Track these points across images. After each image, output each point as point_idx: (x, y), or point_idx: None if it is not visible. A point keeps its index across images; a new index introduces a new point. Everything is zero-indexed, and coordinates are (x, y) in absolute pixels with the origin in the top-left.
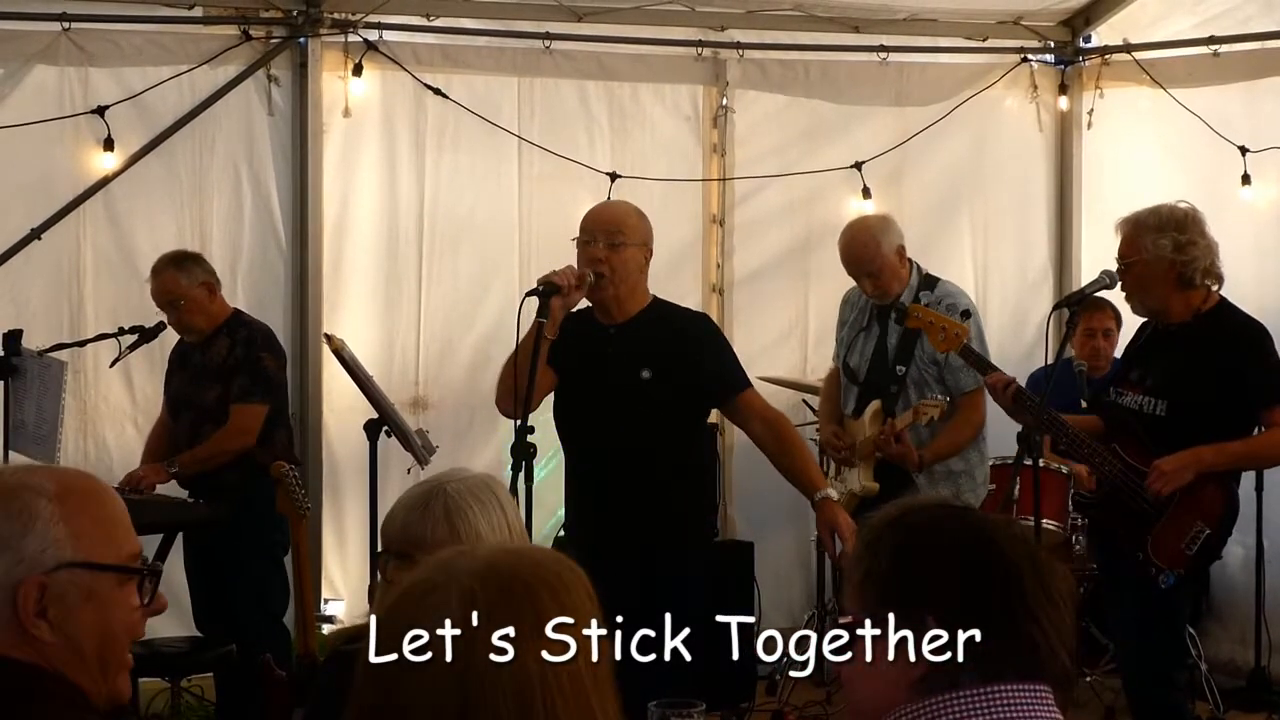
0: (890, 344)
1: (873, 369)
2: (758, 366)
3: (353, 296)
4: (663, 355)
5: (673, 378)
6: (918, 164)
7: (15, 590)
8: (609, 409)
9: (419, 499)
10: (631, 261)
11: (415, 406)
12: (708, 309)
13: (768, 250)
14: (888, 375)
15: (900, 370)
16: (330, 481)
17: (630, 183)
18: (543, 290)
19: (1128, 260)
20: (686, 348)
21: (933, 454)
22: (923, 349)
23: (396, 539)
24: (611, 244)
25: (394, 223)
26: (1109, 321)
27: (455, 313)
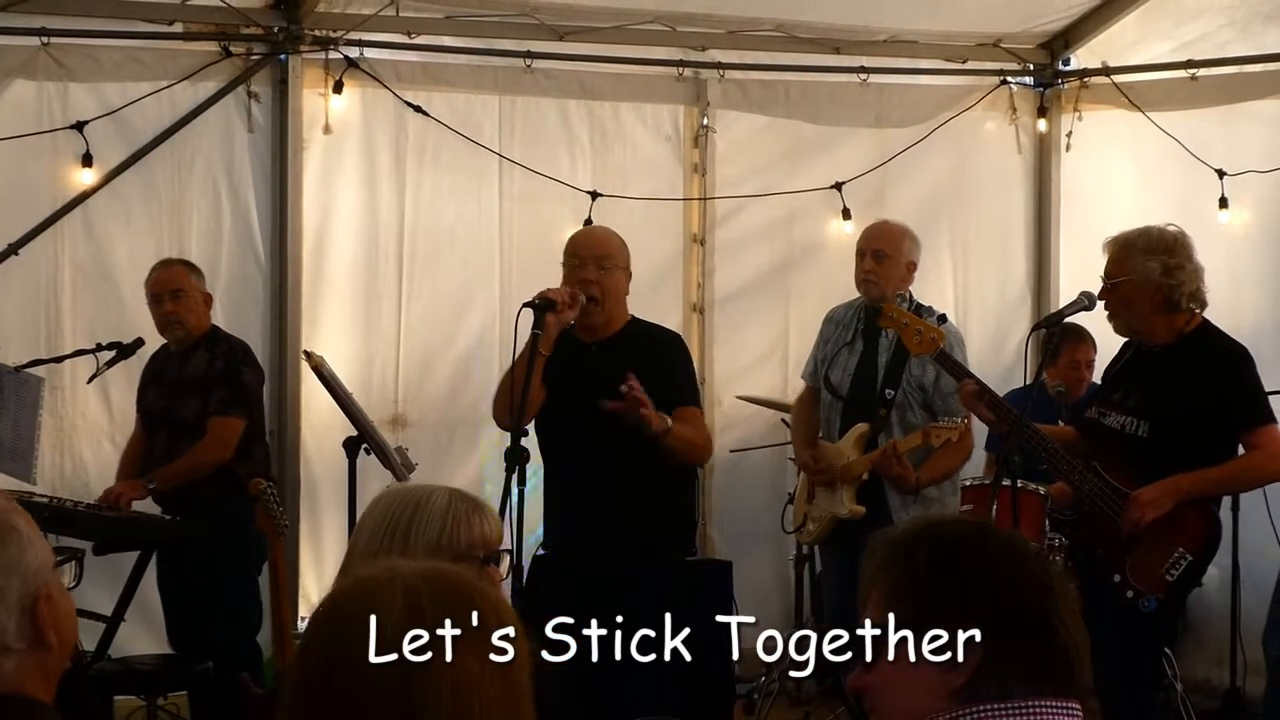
0: (880, 363)
1: (857, 386)
2: (738, 386)
3: (332, 313)
4: (642, 370)
5: (651, 393)
6: (898, 185)
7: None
8: (590, 423)
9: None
10: (619, 284)
11: (395, 424)
12: (688, 328)
13: (748, 270)
14: (875, 397)
15: (889, 394)
16: (308, 499)
17: (611, 201)
18: (539, 304)
19: (1115, 279)
20: (660, 362)
21: (928, 477)
22: (910, 373)
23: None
24: (601, 267)
25: (374, 240)
26: (1092, 353)
27: (435, 330)
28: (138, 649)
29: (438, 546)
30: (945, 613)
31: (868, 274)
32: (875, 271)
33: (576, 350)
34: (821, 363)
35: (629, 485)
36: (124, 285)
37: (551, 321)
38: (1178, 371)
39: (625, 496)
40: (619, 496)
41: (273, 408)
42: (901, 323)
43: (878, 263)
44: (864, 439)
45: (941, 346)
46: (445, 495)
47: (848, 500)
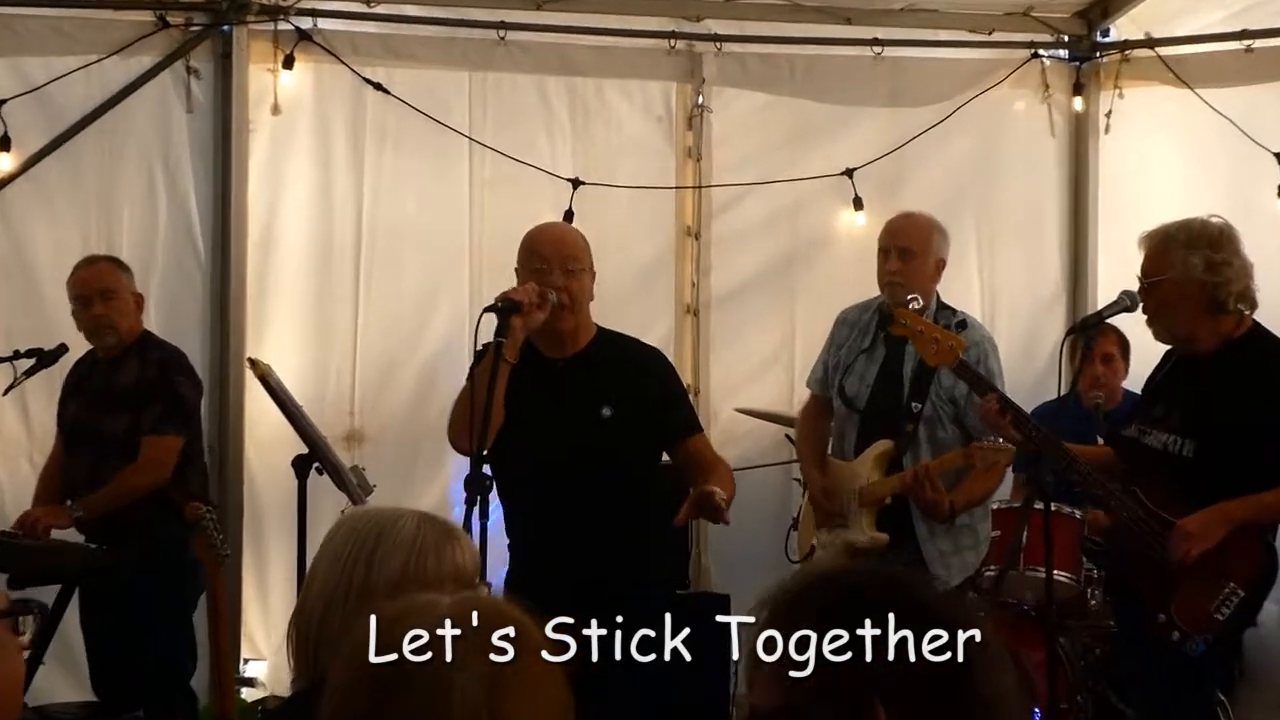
0: (905, 373)
1: (877, 398)
2: (738, 397)
3: (280, 316)
4: (622, 390)
5: (635, 415)
6: (915, 171)
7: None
8: (563, 451)
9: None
10: (586, 289)
11: (350, 440)
12: (681, 331)
13: (749, 266)
14: (899, 411)
15: (916, 407)
16: (252, 525)
17: (595, 190)
18: (502, 307)
19: (1152, 279)
20: (649, 383)
21: (962, 502)
22: (940, 384)
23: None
24: (567, 270)
25: (328, 233)
26: (1111, 346)
27: (397, 335)
28: (58, 696)
29: (401, 580)
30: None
31: (893, 275)
32: (901, 272)
33: (540, 368)
34: (833, 370)
35: (604, 524)
36: (45, 284)
37: (518, 325)
38: (1226, 382)
39: (600, 537)
40: (592, 537)
41: (212, 423)
42: (916, 330)
43: (904, 262)
44: (886, 458)
45: (961, 356)
46: (413, 521)
47: (868, 526)
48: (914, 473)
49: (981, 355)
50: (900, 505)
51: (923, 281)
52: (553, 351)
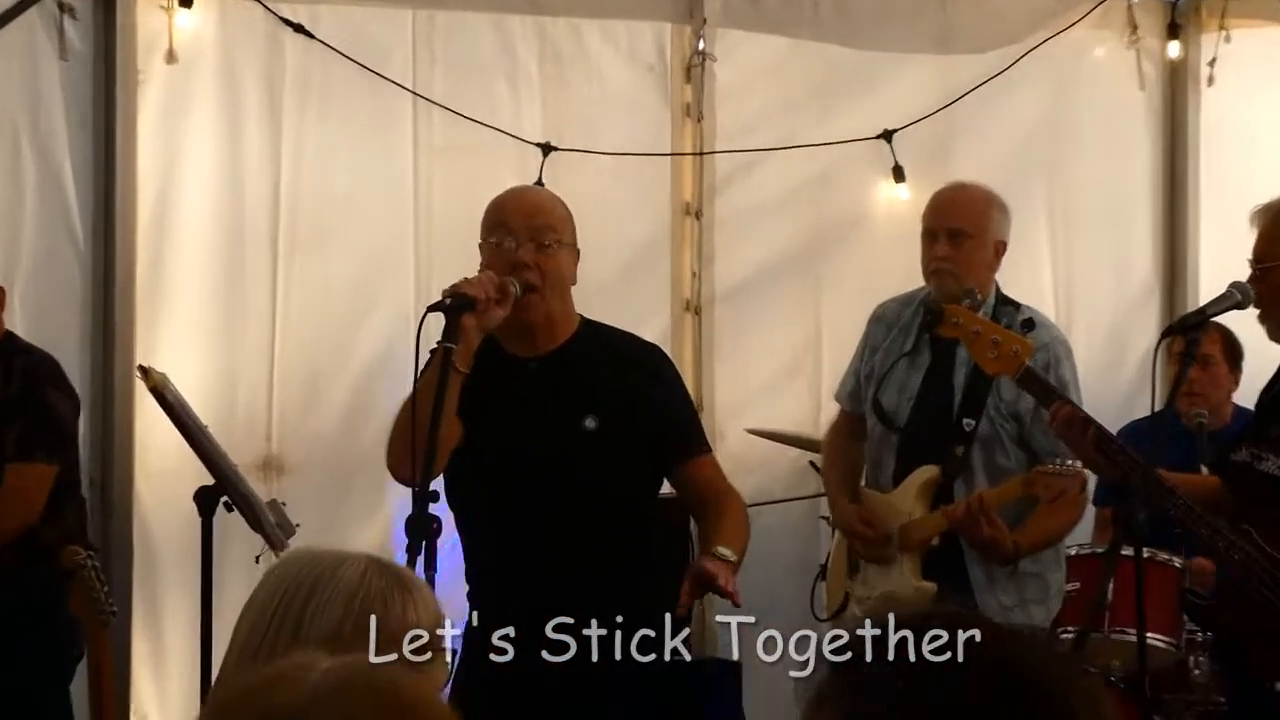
0: (956, 381)
1: (922, 414)
2: (750, 415)
3: (178, 314)
4: (611, 397)
5: (626, 428)
6: (970, 134)
7: None
8: (534, 473)
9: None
10: (565, 268)
11: (267, 469)
12: (679, 333)
13: (763, 253)
14: (948, 429)
15: (969, 425)
16: (145, 573)
17: (570, 158)
18: (450, 304)
19: (1265, 265)
20: (643, 386)
21: (1029, 542)
22: (1000, 397)
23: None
24: (540, 244)
25: (238, 212)
26: (1213, 347)
27: (324, 339)
28: None
29: (337, 637)
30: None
31: (941, 262)
32: (951, 258)
33: (507, 369)
34: (867, 379)
35: (593, 557)
36: None
37: (470, 326)
38: None
39: (588, 573)
40: (570, 581)
41: (93, 447)
42: (971, 330)
43: (954, 246)
44: (932, 488)
45: (1026, 363)
46: (358, 567)
47: (911, 574)
48: (966, 506)
49: (1051, 361)
50: (951, 547)
51: (978, 270)
52: (522, 349)
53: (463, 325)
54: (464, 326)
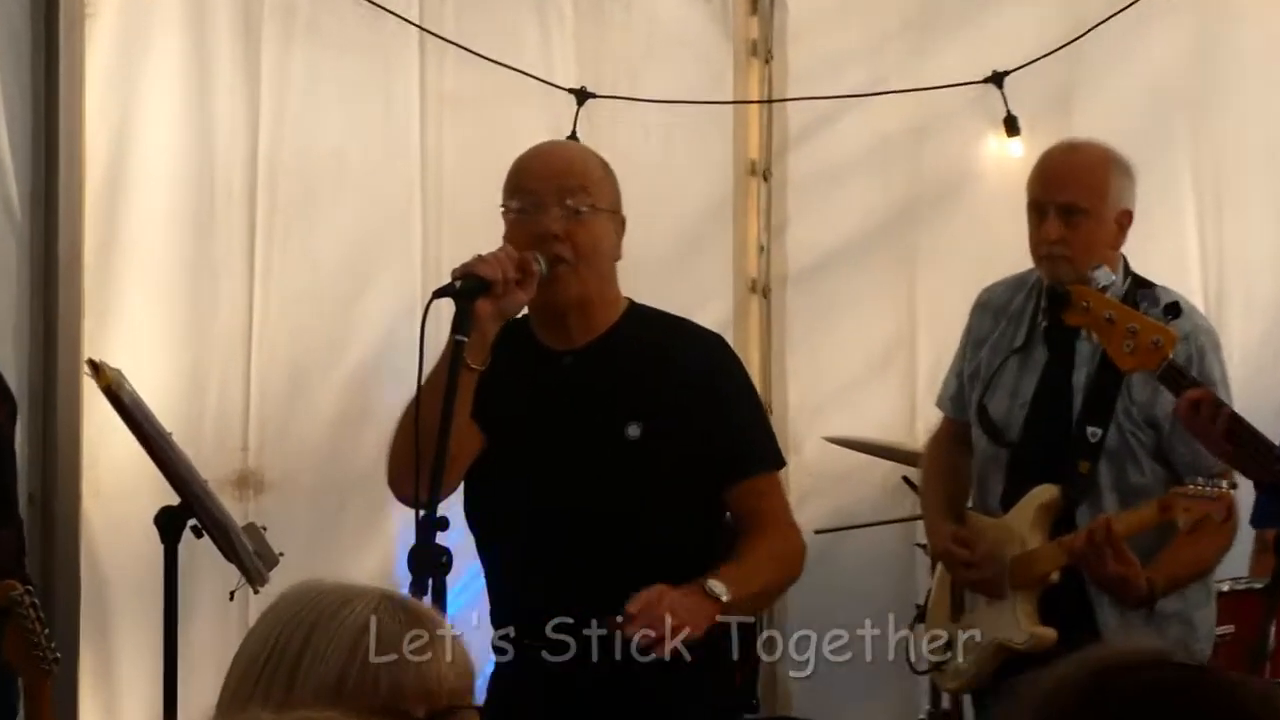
0: (1077, 382)
1: (1035, 423)
2: (829, 420)
3: (134, 298)
4: (659, 399)
5: (677, 436)
6: (1098, 76)
7: None
8: (568, 490)
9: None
10: (603, 240)
11: (243, 487)
12: (743, 321)
13: (845, 222)
14: (1070, 441)
15: (1094, 434)
16: (95, 612)
17: (610, 107)
18: (461, 287)
19: None
20: (698, 386)
21: (1166, 577)
22: (1132, 399)
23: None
24: (572, 210)
25: (206, 174)
26: None
27: (312, 327)
28: None
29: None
30: None
31: (1052, 246)
32: (1066, 240)
33: (537, 364)
34: (972, 381)
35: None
36: None
37: (486, 313)
38: None
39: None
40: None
41: (32, 459)
42: (1101, 317)
43: (1069, 225)
44: (1051, 512)
45: (1171, 356)
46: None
47: (1024, 616)
48: (1088, 534)
49: (1195, 353)
50: (1074, 583)
51: (1098, 251)
52: (555, 340)
53: (476, 312)
54: (478, 314)
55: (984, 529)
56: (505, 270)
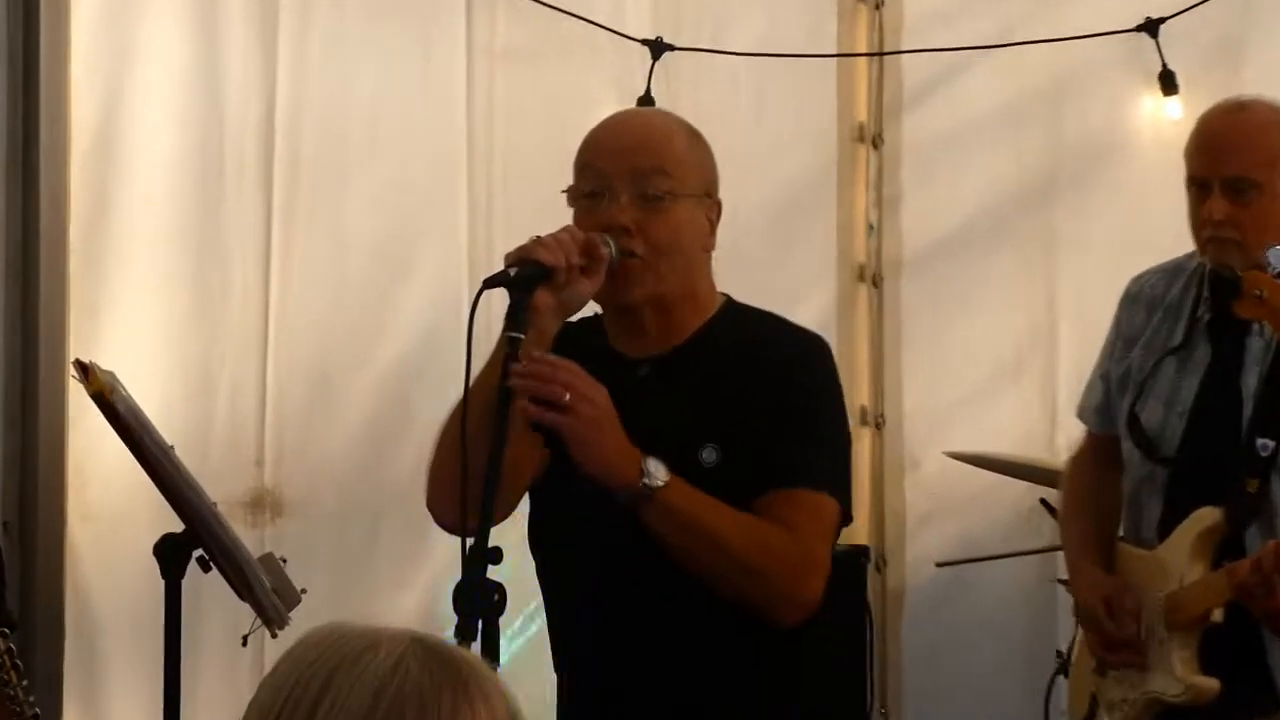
0: (1246, 388)
1: (1196, 436)
2: (952, 432)
3: (130, 287)
4: (741, 417)
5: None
6: (1271, 24)
7: None
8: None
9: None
10: (686, 231)
11: (257, 509)
12: (848, 315)
13: (972, 197)
14: (1236, 455)
15: (1265, 446)
16: (82, 658)
17: (691, 62)
18: (516, 275)
19: None
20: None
21: None
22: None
23: None
24: (647, 195)
25: (214, 141)
26: None
27: (339, 321)
28: None
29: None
30: None
31: (1218, 229)
32: (1234, 220)
33: (609, 372)
34: (1121, 387)
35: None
36: None
37: (545, 306)
38: None
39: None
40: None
41: (9, 477)
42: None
43: (1237, 200)
44: (1213, 538)
45: None
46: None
47: (1182, 665)
48: (1255, 563)
49: None
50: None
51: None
52: (629, 344)
53: (535, 305)
54: (536, 307)
55: (1136, 562)
56: (568, 255)
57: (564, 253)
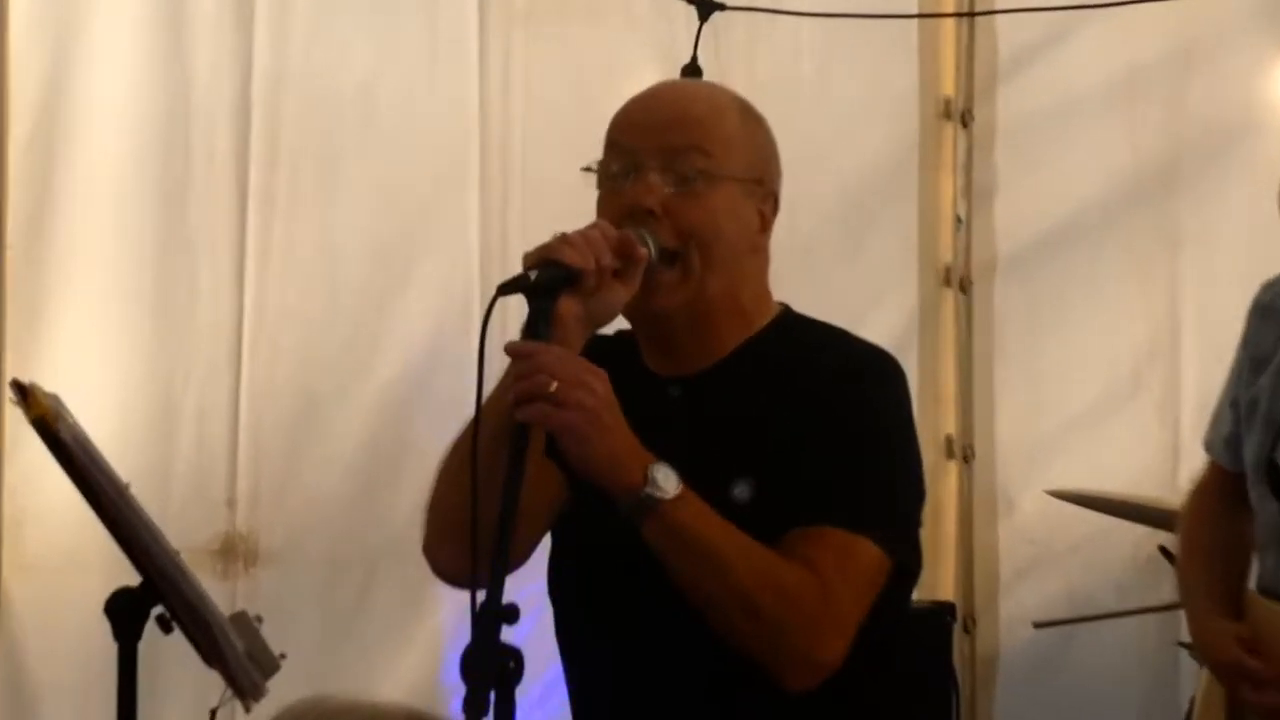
0: None
1: None
2: (1054, 465)
3: (78, 296)
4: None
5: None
6: None
7: None
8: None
9: None
10: (728, 221)
11: (229, 558)
12: (931, 325)
13: (1077, 186)
14: None
15: None
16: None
17: (745, 23)
18: (537, 279)
19: None
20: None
21: None
22: None
23: None
24: (684, 176)
25: (179, 124)
26: None
27: (326, 335)
28: None
29: None
30: None
31: None
32: None
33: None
34: (1250, 414)
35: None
36: None
37: (571, 315)
38: None
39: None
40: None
41: None
42: None
43: None
44: None
45: None
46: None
47: None
48: None
49: None
50: None
51: None
52: (663, 363)
53: (558, 314)
54: (560, 317)
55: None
56: (599, 255)
57: (594, 253)
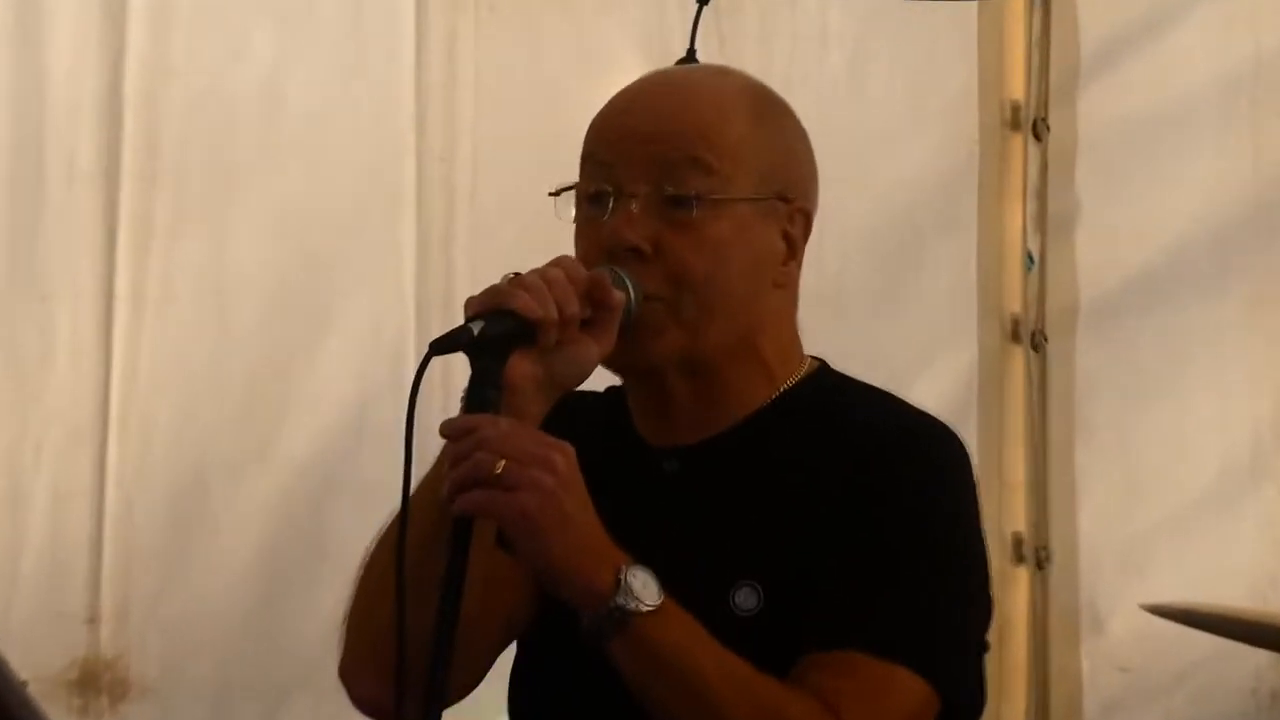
0: None
1: None
2: (1151, 573)
3: None
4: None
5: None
6: None
7: None
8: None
9: None
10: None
11: (88, 689)
12: (993, 387)
13: (1176, 215)
14: None
15: None
16: None
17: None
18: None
19: None
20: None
21: None
22: None
23: None
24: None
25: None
26: None
27: (217, 397)
28: None
29: None
30: None
31: None
32: None
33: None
34: None
35: None
36: None
37: (525, 378)
38: None
39: None
40: None
41: None
42: None
43: None
44: None
45: None
46: None
47: None
48: None
49: None
50: None
51: None
52: (657, 431)
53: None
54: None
55: None
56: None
57: (556, 298)
